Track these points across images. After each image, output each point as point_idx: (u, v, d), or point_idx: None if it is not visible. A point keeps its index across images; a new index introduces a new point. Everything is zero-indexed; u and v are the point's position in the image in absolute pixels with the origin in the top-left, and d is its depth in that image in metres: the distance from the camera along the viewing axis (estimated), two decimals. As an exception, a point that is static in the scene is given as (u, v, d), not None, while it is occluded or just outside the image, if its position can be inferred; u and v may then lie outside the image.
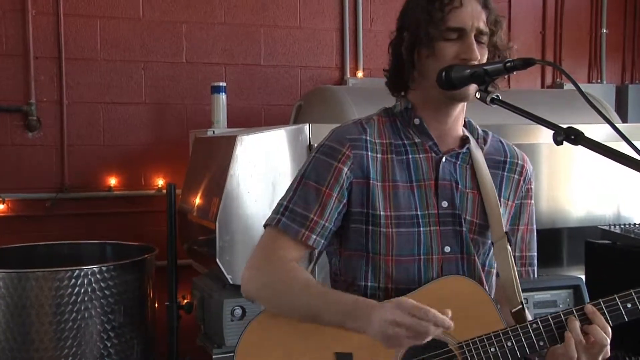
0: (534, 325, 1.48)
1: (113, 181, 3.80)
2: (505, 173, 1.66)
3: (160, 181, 3.86)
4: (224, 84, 3.59)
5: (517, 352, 1.47)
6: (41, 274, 2.84)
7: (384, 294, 1.54)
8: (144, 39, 3.86)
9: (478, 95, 1.45)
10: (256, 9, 4.03)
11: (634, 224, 3.10)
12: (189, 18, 3.92)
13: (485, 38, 1.53)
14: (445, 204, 1.57)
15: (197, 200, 3.05)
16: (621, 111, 4.64)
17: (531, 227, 1.72)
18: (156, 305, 3.33)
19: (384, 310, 1.38)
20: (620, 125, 3.47)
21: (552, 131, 1.31)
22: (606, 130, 2.05)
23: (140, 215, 3.80)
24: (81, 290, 2.86)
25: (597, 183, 3.26)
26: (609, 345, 1.45)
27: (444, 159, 1.59)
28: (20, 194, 3.66)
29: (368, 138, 1.57)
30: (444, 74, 1.47)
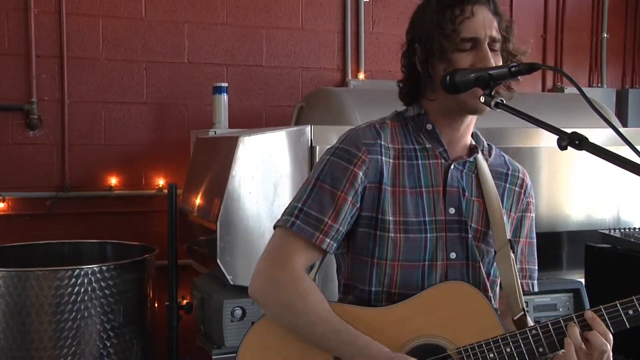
0: (533, 332, 1.47)
1: (114, 181, 3.79)
2: (507, 185, 1.67)
3: (160, 181, 3.85)
4: (225, 84, 3.58)
5: (516, 358, 1.46)
6: (41, 273, 2.83)
7: (387, 298, 1.55)
8: (146, 39, 3.85)
9: (482, 99, 1.44)
10: (258, 10, 4.03)
11: (634, 228, 3.10)
12: (191, 18, 3.91)
13: (498, 45, 1.53)
14: (452, 210, 1.57)
15: (198, 201, 3.04)
16: (621, 115, 4.64)
17: (531, 240, 1.72)
18: (156, 305, 3.32)
19: None
20: (620, 129, 3.46)
21: (554, 135, 1.31)
22: (607, 134, 2.05)
23: (141, 215, 3.79)
24: (81, 290, 2.84)
25: (597, 187, 3.26)
26: (610, 351, 1.44)
27: (452, 166, 1.59)
28: (20, 192, 3.65)
29: (382, 143, 1.57)
30: (448, 78, 1.46)
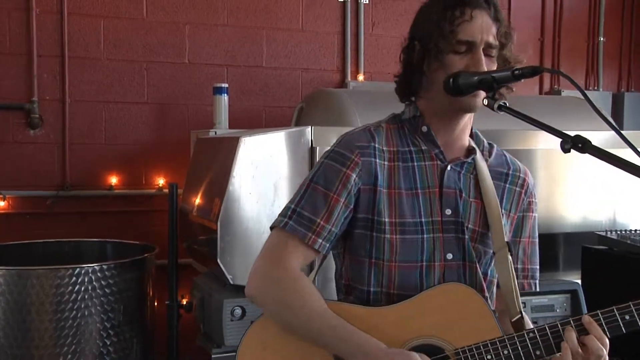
0: (531, 334, 1.47)
1: (114, 180, 3.78)
2: (507, 185, 1.67)
3: (160, 181, 3.84)
4: (226, 85, 3.57)
5: None
6: (42, 272, 2.82)
7: (386, 298, 1.55)
8: (147, 39, 3.83)
9: (486, 102, 1.45)
10: (259, 11, 4.02)
11: (631, 230, 3.11)
12: (192, 19, 3.90)
13: (494, 51, 1.53)
14: (448, 211, 1.57)
15: (199, 200, 3.03)
16: (617, 118, 4.65)
17: (533, 240, 1.72)
18: (155, 304, 3.31)
19: None
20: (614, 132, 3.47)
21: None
22: (605, 137, 2.04)
23: (141, 214, 3.78)
24: (81, 288, 2.83)
25: (594, 189, 3.26)
26: (606, 355, 1.44)
27: (449, 168, 1.59)
28: (21, 191, 3.63)
29: (376, 145, 1.58)
30: (452, 80, 1.46)
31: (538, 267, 1.72)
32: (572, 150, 1.30)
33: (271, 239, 1.57)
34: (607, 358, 1.45)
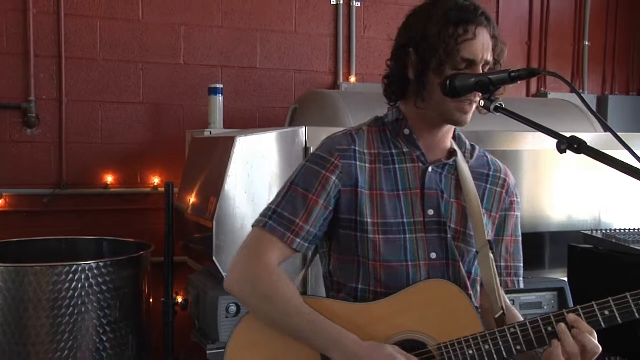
0: (512, 330, 1.48)
1: (110, 178, 3.76)
2: (488, 185, 1.68)
3: (156, 179, 3.82)
4: (221, 85, 3.56)
5: (494, 355, 1.47)
6: (39, 269, 2.80)
7: (373, 296, 1.56)
8: (143, 40, 3.82)
9: (482, 103, 1.45)
10: (253, 13, 4.01)
11: (615, 229, 3.12)
12: (187, 21, 3.89)
13: (488, 67, 1.54)
14: (431, 212, 1.58)
15: (194, 199, 3.02)
16: (600, 121, 4.67)
17: (516, 238, 1.73)
18: (151, 300, 3.29)
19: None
20: (601, 134, 3.49)
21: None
22: (589, 138, 2.06)
23: (136, 212, 3.76)
24: (78, 285, 2.82)
25: (579, 189, 3.28)
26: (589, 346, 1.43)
27: (430, 169, 1.60)
28: (18, 189, 3.61)
29: (357, 148, 1.59)
30: (448, 82, 1.46)
31: (522, 265, 1.73)
32: (567, 151, 1.30)
33: (251, 236, 1.59)
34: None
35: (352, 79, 4.19)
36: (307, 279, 2.53)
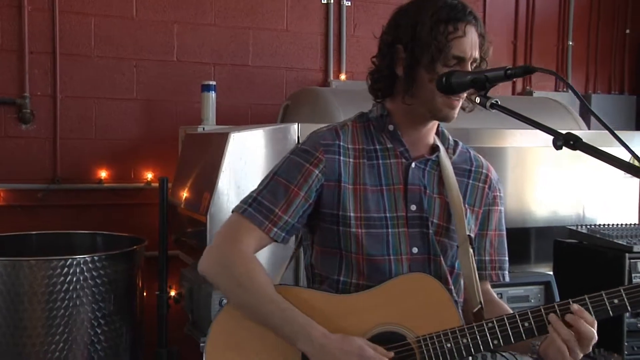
0: (489, 324, 1.48)
1: (103, 174, 3.73)
2: (470, 181, 1.68)
3: (149, 175, 3.79)
4: (214, 82, 3.55)
5: (472, 349, 1.48)
6: (34, 262, 2.78)
7: (355, 289, 1.56)
8: (137, 38, 3.79)
9: (478, 100, 1.45)
10: (245, 11, 3.99)
11: (599, 225, 3.14)
12: (180, 18, 3.86)
13: (475, 65, 1.55)
14: (413, 207, 1.58)
15: (188, 194, 3.01)
16: (586, 119, 4.69)
17: (500, 232, 1.73)
18: (144, 294, 3.28)
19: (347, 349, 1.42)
20: (584, 132, 3.51)
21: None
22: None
23: (130, 207, 3.74)
24: (73, 279, 2.80)
25: (564, 186, 3.30)
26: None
27: (413, 165, 1.60)
28: (13, 184, 3.57)
29: (341, 143, 1.58)
30: (444, 79, 1.46)
31: (506, 259, 1.73)
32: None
33: (229, 222, 1.58)
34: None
35: (343, 76, 4.18)
36: (299, 271, 2.53)
